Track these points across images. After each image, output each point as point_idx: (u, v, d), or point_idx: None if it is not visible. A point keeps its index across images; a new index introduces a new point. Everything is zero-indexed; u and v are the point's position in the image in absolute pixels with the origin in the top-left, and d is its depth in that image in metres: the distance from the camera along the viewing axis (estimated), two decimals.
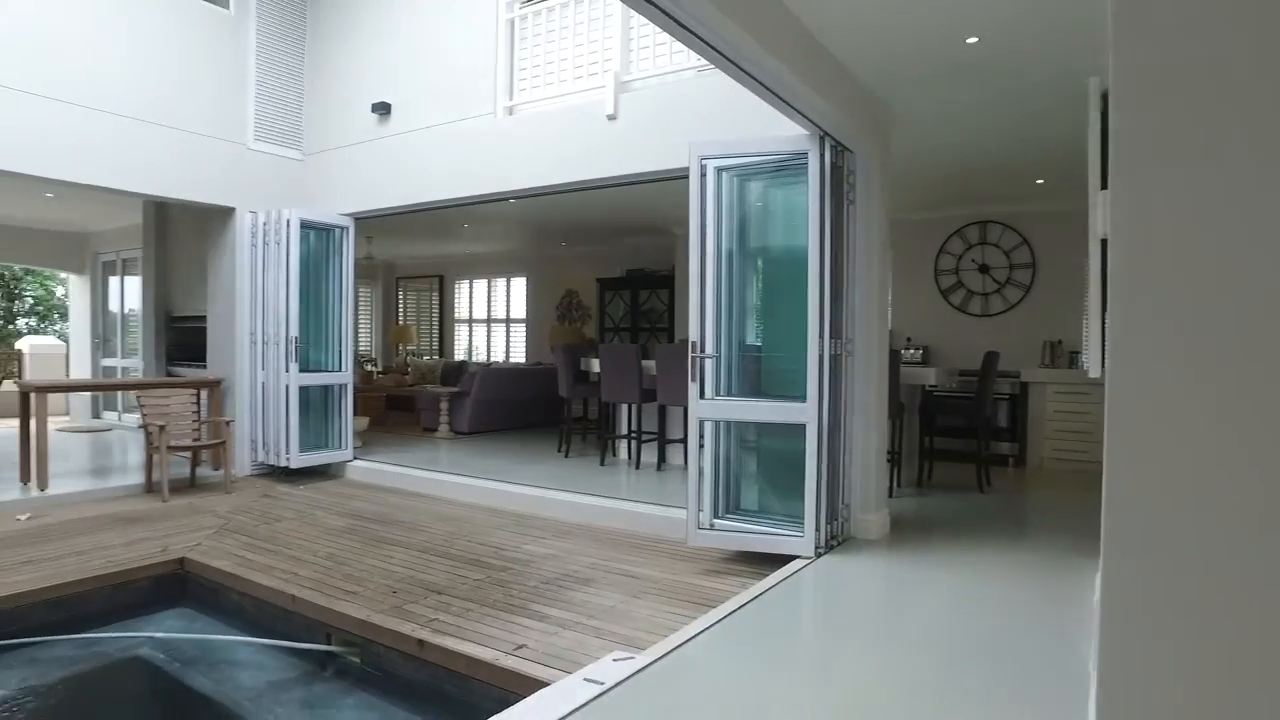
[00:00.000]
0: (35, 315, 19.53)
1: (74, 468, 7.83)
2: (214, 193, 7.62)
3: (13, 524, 5.80)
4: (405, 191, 7.45)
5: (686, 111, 5.63)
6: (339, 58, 8.02)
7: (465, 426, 10.11)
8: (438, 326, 15.56)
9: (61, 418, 11.54)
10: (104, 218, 11.06)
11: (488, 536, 5.56)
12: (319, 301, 7.97)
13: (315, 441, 7.87)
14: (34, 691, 3.88)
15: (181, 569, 4.99)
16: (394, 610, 4.01)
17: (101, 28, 6.81)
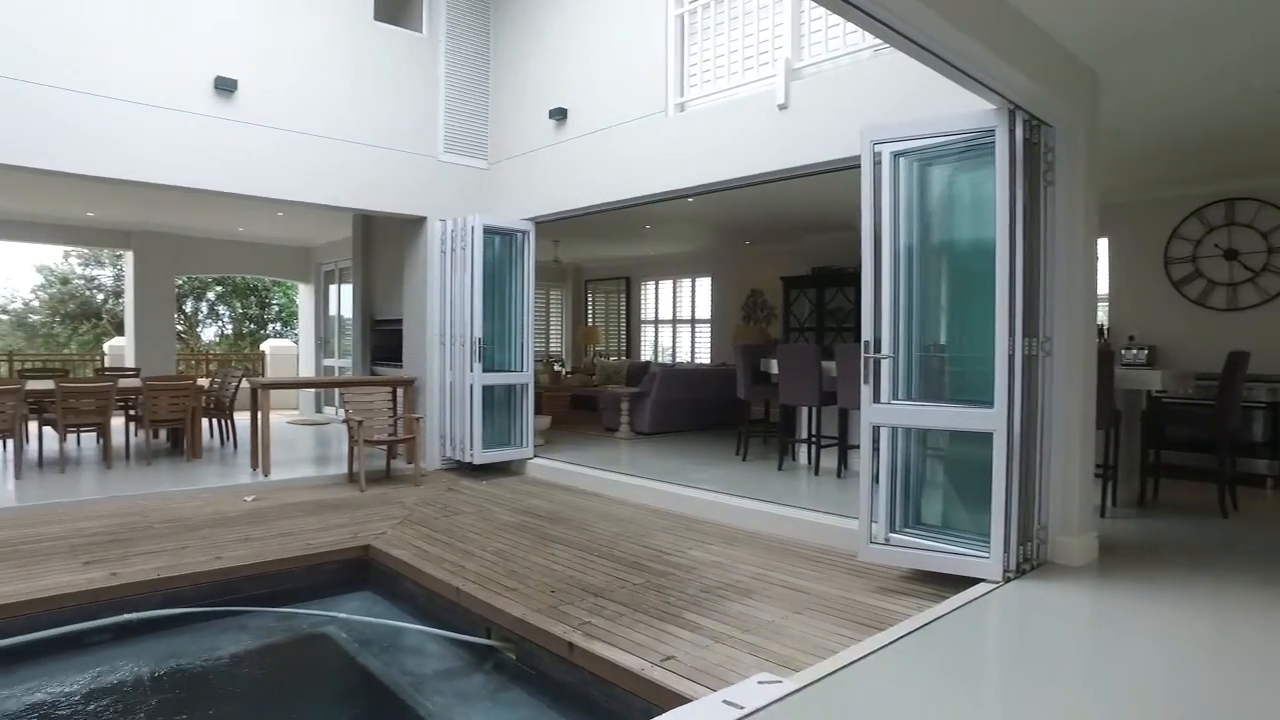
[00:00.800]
0: (280, 320, 22.19)
1: (294, 456, 8.69)
2: (408, 204, 8.16)
3: (240, 504, 6.50)
4: (580, 194, 7.58)
5: (861, 95, 5.24)
6: (520, 68, 8.32)
7: (645, 427, 10.17)
8: (624, 327, 15.87)
9: (291, 411, 12.95)
10: (323, 232, 12.27)
11: (652, 539, 5.48)
12: (502, 304, 8.30)
13: (498, 439, 8.20)
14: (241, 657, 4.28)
15: (367, 555, 5.33)
16: (550, 610, 4.01)
17: (320, 62, 7.50)
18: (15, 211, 11.39)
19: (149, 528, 5.66)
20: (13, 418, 7.09)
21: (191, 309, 22.38)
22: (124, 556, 4.93)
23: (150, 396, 7.92)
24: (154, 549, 5.12)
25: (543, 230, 8.92)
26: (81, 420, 7.65)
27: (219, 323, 23.05)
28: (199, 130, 6.78)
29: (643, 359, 14.83)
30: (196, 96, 6.78)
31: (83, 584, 4.44)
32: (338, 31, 7.63)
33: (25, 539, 5.33)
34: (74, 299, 21.09)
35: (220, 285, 22.15)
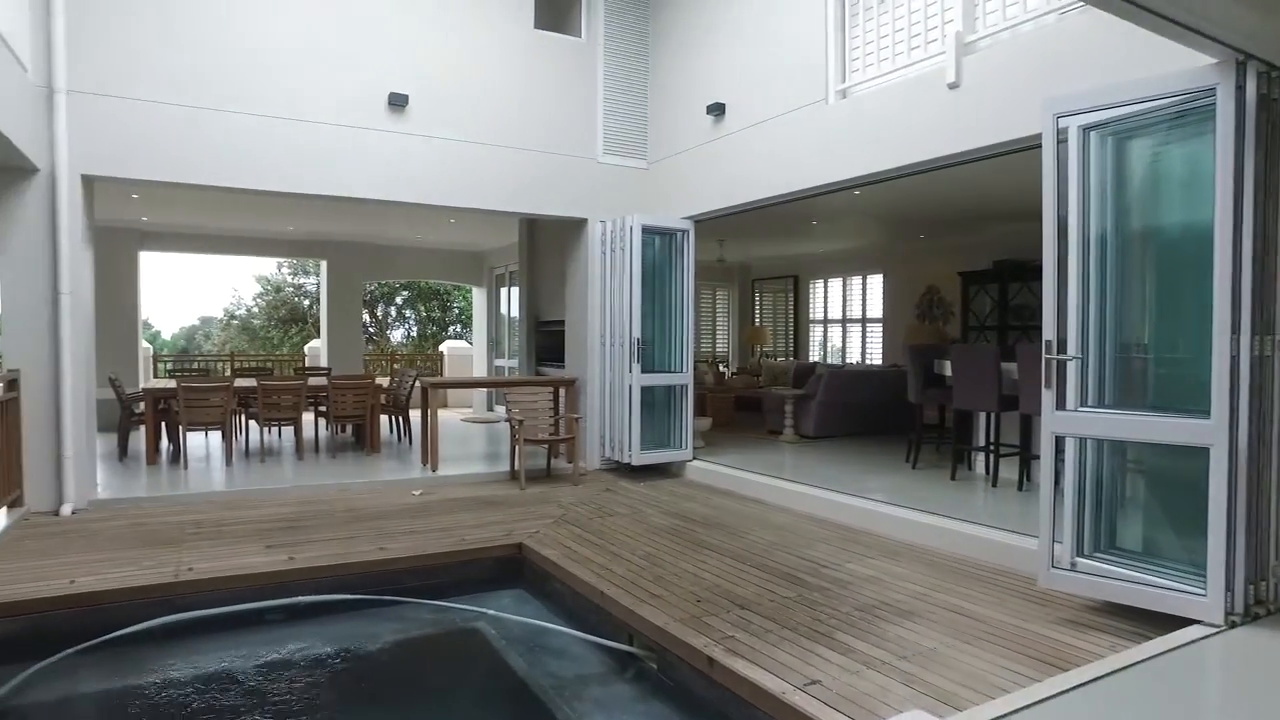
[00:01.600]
0: (460, 323, 23.52)
1: (462, 453, 9.07)
2: (569, 206, 8.29)
3: (408, 498, 6.83)
4: (740, 190, 7.37)
5: (1042, 66, 4.69)
6: (677, 66, 8.23)
7: (810, 430, 9.77)
8: (792, 327, 15.44)
9: (466, 409, 13.60)
10: (494, 236, 12.80)
11: (809, 550, 5.19)
12: (662, 304, 8.24)
13: (656, 440, 8.14)
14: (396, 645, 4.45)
15: (520, 553, 5.41)
16: (693, 621, 3.85)
17: (483, 73, 7.78)
18: (238, 228, 12.75)
19: (326, 516, 6.06)
20: (224, 412, 7.87)
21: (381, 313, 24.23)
22: (301, 542, 5.29)
23: (336, 394, 8.54)
24: (328, 537, 5.46)
25: (705, 229, 8.78)
26: (279, 415, 8.37)
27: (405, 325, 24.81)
28: (374, 145, 7.23)
29: (810, 360, 14.35)
30: (373, 114, 7.23)
31: (264, 565, 4.80)
32: (499, 42, 7.88)
33: (225, 521, 5.86)
34: (285, 305, 23.47)
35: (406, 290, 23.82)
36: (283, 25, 6.92)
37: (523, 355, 11.61)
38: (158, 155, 6.48)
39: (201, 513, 6.12)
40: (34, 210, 6.12)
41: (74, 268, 6.21)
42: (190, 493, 6.82)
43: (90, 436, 6.53)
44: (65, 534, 5.52)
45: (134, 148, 6.40)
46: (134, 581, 4.48)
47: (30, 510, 6.03)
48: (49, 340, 6.13)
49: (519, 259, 11.78)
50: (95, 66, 6.24)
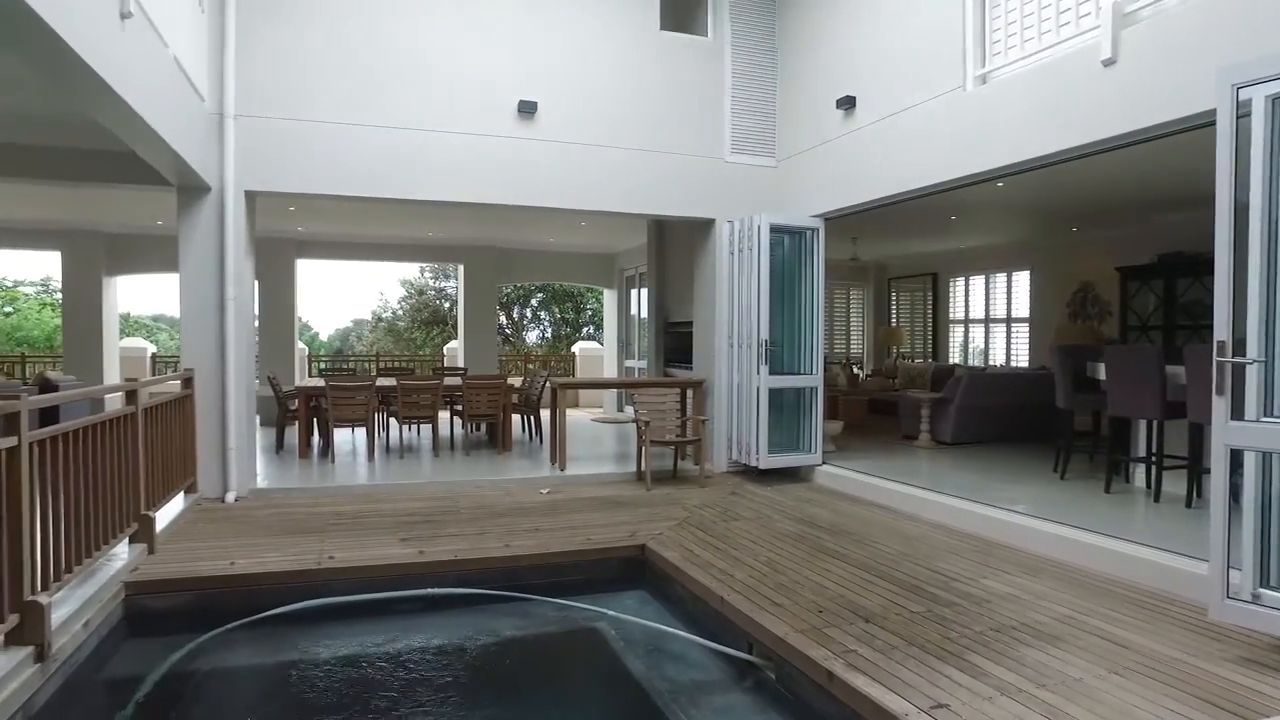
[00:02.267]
0: (592, 324, 23.97)
1: (591, 453, 9.18)
2: (697, 206, 8.24)
3: (536, 496, 6.98)
4: (872, 186, 7.08)
5: (1216, 33, 4.21)
6: (806, 61, 8.01)
7: (948, 436, 9.28)
8: (930, 328, 14.75)
9: (596, 409, 13.81)
10: (623, 238, 12.94)
11: (942, 562, 4.90)
12: (791, 304, 8.05)
13: (784, 443, 7.96)
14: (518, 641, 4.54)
15: (643, 555, 5.40)
16: (813, 631, 3.70)
17: (610, 76, 7.88)
18: (383, 236, 13.54)
19: (457, 512, 6.28)
20: (367, 409, 8.33)
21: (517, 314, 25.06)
22: (432, 536, 5.50)
23: (470, 393, 8.85)
24: (457, 532, 5.65)
25: (836, 227, 8.51)
26: (417, 413, 8.77)
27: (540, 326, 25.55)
28: (506, 151, 7.46)
29: (950, 361, 13.64)
30: (504, 122, 7.46)
31: (398, 557, 5.02)
32: (626, 45, 7.94)
33: (364, 514, 6.19)
34: (427, 307, 24.70)
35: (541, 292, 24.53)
36: (422, 44, 7.27)
37: (651, 356, 11.67)
38: (312, 170, 6.97)
39: (344, 504, 6.49)
40: (206, 225, 6.70)
41: (238, 276, 6.74)
42: (335, 485, 7.25)
43: (251, 430, 7.08)
44: (228, 519, 6.00)
45: (290, 164, 6.90)
46: (283, 566, 4.80)
47: (202, 496, 6.59)
48: (216, 342, 6.69)
49: (648, 260, 11.85)
50: (257, 92, 6.78)
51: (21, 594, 3.31)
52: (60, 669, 3.49)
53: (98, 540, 4.23)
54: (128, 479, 4.68)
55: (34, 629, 3.33)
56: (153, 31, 4.93)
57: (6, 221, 12.04)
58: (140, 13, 4.55)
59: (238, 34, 6.66)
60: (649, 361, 11.82)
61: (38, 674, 3.30)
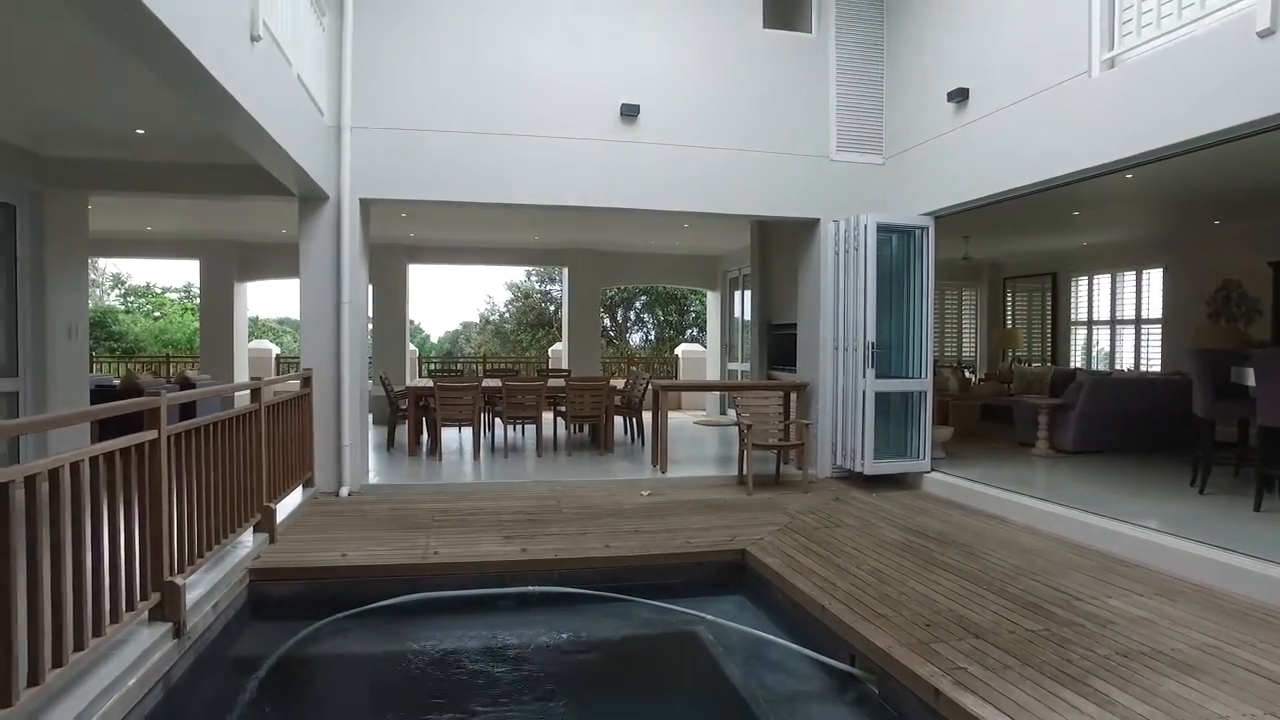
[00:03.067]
0: (696, 326, 23.94)
1: (692, 455, 9.15)
2: (801, 206, 8.09)
3: (636, 498, 7.00)
4: (985, 181, 6.76)
5: None
6: (915, 54, 7.73)
7: (1068, 444, 8.76)
8: (1049, 330, 13.99)
9: (699, 412, 13.75)
10: (727, 240, 12.85)
11: (1060, 578, 4.61)
12: (899, 306, 7.79)
13: (891, 449, 7.70)
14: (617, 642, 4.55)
15: (743, 559, 5.32)
16: (919, 646, 3.55)
17: (712, 77, 7.84)
18: (490, 240, 13.95)
19: (559, 512, 6.36)
20: (473, 409, 8.57)
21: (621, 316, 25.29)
22: (534, 535, 5.59)
23: (573, 394, 8.98)
24: (559, 531, 5.73)
25: (947, 225, 8.17)
26: (521, 413, 8.96)
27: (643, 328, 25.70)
28: (610, 155, 7.54)
29: (1071, 365, 12.89)
30: (606, 125, 7.54)
31: (501, 555, 5.14)
32: (728, 45, 7.88)
33: (469, 511, 6.36)
34: (533, 310, 25.27)
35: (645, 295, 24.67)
36: (527, 53, 7.43)
37: (754, 358, 11.54)
38: (422, 178, 7.25)
39: (450, 501, 6.69)
40: (324, 232, 7.06)
41: (353, 279, 7.07)
42: (442, 482, 7.49)
43: (364, 428, 7.40)
44: (342, 512, 6.29)
45: (402, 173, 7.19)
46: (390, 560, 4.99)
47: (318, 490, 6.93)
48: (333, 343, 7.03)
49: (751, 261, 11.73)
50: (371, 104, 7.10)
51: (161, 574, 3.56)
52: (193, 645, 3.74)
53: (226, 528, 4.51)
54: (252, 472, 4.97)
55: (172, 607, 3.58)
56: (279, 52, 5.23)
57: (156, 233, 13.06)
58: (268, 35, 4.83)
59: (354, 51, 6.99)
60: (752, 364, 11.69)
61: (175, 649, 3.54)
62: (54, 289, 7.13)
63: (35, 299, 6.94)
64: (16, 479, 2.56)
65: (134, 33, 3.33)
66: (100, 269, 23.88)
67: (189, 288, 24.61)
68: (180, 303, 25.18)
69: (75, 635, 2.87)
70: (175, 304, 25.26)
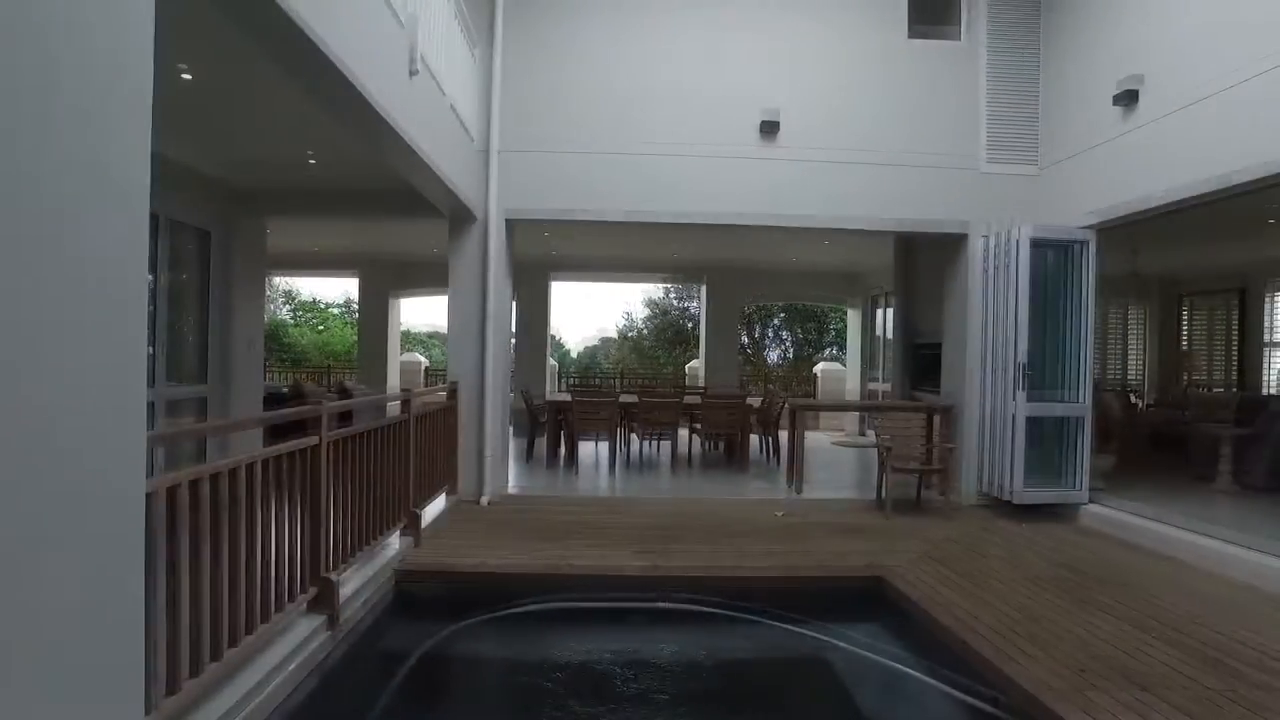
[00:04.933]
0: (835, 344, 23.34)
1: (829, 476, 8.92)
2: (948, 219, 7.76)
3: (771, 517, 6.88)
4: (1158, 187, 6.20)
5: None
6: (1073, 57, 7.26)
7: (1258, 480, 7.86)
8: (1235, 351, 12.66)
9: (837, 432, 13.39)
10: (869, 255, 12.47)
11: (1247, 630, 4.14)
12: (1055, 324, 7.30)
13: (1044, 477, 7.20)
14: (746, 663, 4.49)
15: (879, 586, 5.12)
16: (1073, 694, 3.29)
17: (855, 88, 7.70)
18: (629, 256, 14.18)
19: (692, 527, 6.35)
20: (610, 423, 8.73)
21: (759, 333, 25.01)
22: (666, 549, 5.61)
23: (709, 411, 8.97)
24: (691, 547, 5.72)
25: (1112, 237, 7.57)
26: (657, 428, 9.04)
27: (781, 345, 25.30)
28: (748, 171, 7.54)
29: (1264, 392, 11.61)
30: (746, 141, 7.54)
31: (633, 568, 5.19)
32: (872, 56, 7.70)
33: (603, 523, 6.47)
34: (671, 326, 25.44)
35: (784, 311, 24.30)
36: (667, 72, 7.58)
37: (896, 377, 11.12)
38: (565, 198, 7.52)
39: (584, 512, 6.82)
40: (471, 250, 7.43)
41: (498, 295, 7.39)
42: (577, 494, 7.68)
43: (505, 439, 7.69)
44: (481, 520, 6.55)
45: (546, 193, 7.49)
46: (526, 568, 5.16)
47: (460, 498, 7.25)
48: (477, 356, 7.37)
49: (894, 277, 11.33)
50: (518, 127, 7.43)
51: (320, 570, 3.84)
52: (345, 637, 4.01)
53: (376, 530, 4.81)
54: (400, 478, 5.28)
55: (327, 600, 3.86)
56: (434, 84, 5.57)
57: (322, 252, 14.17)
58: (425, 69, 5.16)
59: (502, 78, 7.34)
60: (893, 383, 11.26)
61: (329, 639, 3.81)
62: (238, 306, 7.87)
63: (222, 315, 7.68)
64: (203, 476, 2.86)
65: (308, 70, 3.65)
66: (274, 285, 26.09)
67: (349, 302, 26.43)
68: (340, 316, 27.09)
69: (246, 619, 3.16)
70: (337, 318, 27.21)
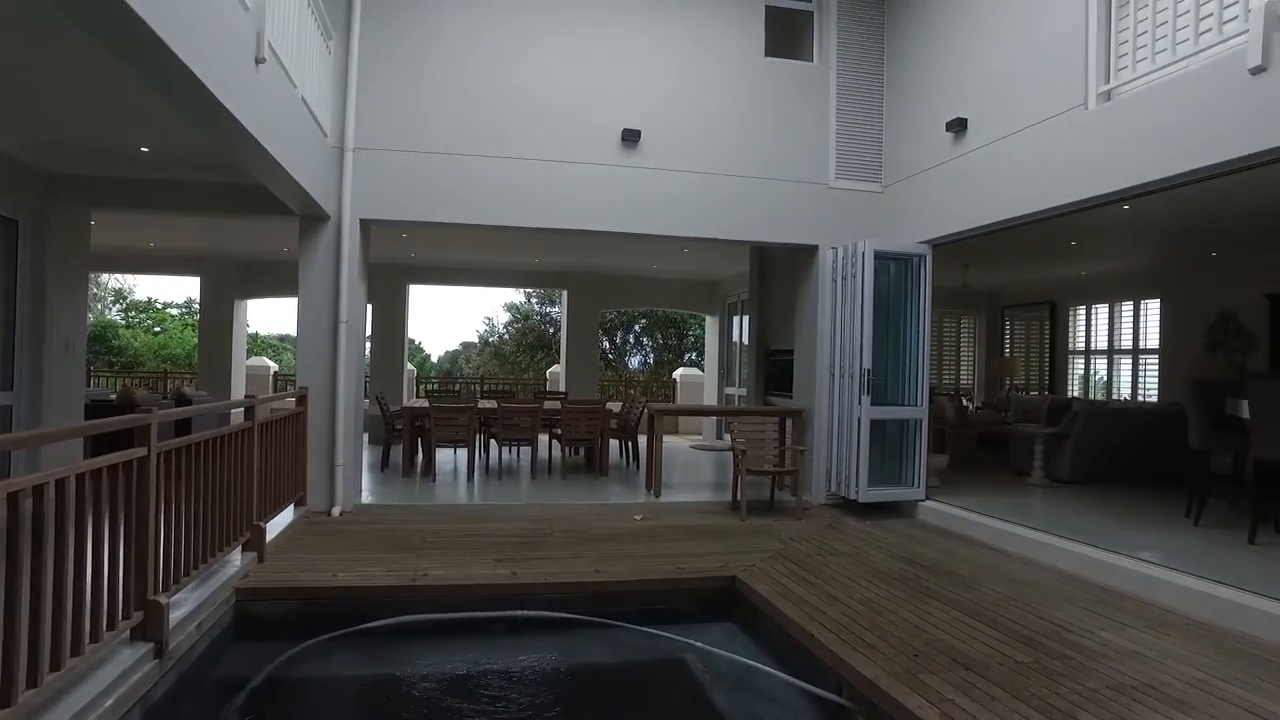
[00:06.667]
0: (695, 350, 23.96)
1: (687, 480, 9.13)
2: (800, 233, 8.13)
3: (629, 522, 6.96)
4: (983, 210, 6.79)
5: None
6: (914, 84, 7.81)
7: (1064, 474, 8.73)
8: (1047, 359, 13.99)
9: (696, 436, 13.73)
10: (726, 265, 12.91)
11: (1053, 610, 4.57)
12: (896, 333, 7.79)
13: (886, 477, 7.66)
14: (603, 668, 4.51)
15: (733, 586, 5.28)
16: (908, 677, 3.51)
17: (714, 104, 7.92)
18: (490, 262, 13.99)
19: (551, 535, 6.33)
20: (468, 430, 8.55)
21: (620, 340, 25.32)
22: (525, 558, 5.56)
23: (569, 417, 8.96)
24: (550, 555, 5.69)
25: (946, 253, 8.20)
26: (516, 435, 8.94)
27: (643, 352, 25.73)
28: (610, 180, 7.59)
29: (1069, 394, 12.88)
30: (608, 151, 7.60)
31: (491, 578, 5.10)
32: (729, 73, 7.97)
33: (461, 533, 6.33)
34: (532, 332, 25.33)
35: (644, 318, 24.72)
36: (529, 77, 7.52)
37: (751, 384, 11.53)
38: (423, 200, 7.30)
39: (442, 523, 6.65)
40: (324, 251, 7.10)
41: (351, 299, 7.08)
42: (435, 504, 7.47)
43: (359, 448, 7.39)
44: (333, 533, 6.25)
45: (403, 194, 7.25)
46: (380, 581, 4.96)
47: (310, 510, 6.90)
48: (329, 362, 7.04)
49: (750, 287, 11.77)
50: (374, 126, 7.17)
51: (145, 593, 3.53)
52: (175, 666, 3.70)
53: (214, 547, 4.48)
54: (243, 490, 4.95)
55: (154, 626, 3.54)
56: (284, 74, 5.28)
57: (158, 250, 13.12)
58: (273, 58, 4.88)
59: (359, 73, 7.06)
60: (749, 389, 11.69)
61: (156, 669, 3.50)
62: (53, 303, 7.15)
63: (34, 313, 6.96)
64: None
65: (135, 50, 3.35)
66: (102, 283, 23.94)
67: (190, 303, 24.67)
68: (181, 318, 25.23)
69: (53, 655, 2.84)
70: (176, 320, 25.31)
